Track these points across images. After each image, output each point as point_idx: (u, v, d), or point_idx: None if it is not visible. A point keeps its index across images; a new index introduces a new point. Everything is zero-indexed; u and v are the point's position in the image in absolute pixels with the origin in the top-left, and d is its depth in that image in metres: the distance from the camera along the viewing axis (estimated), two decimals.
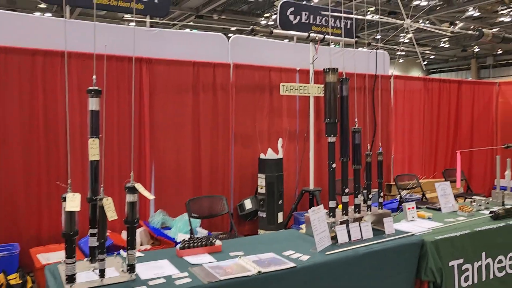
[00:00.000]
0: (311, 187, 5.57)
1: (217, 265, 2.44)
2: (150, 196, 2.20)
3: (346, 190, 3.01)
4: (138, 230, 4.68)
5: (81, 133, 4.43)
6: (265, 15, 15.63)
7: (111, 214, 2.16)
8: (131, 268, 2.22)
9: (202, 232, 4.78)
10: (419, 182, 6.14)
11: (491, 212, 3.60)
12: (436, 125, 7.53)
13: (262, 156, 5.23)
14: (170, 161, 5.03)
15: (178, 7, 13.90)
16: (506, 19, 16.01)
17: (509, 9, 15.15)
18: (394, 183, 6.10)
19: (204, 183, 5.23)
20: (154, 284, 2.19)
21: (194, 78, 5.14)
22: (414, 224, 3.41)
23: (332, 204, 2.96)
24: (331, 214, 2.97)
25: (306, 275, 2.47)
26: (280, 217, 5.19)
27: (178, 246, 2.65)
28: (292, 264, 2.45)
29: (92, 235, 2.34)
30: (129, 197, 2.18)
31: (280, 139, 5.32)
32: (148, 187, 4.87)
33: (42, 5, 11.19)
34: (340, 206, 3.07)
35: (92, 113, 2.34)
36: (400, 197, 5.85)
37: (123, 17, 12.48)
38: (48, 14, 11.89)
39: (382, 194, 3.23)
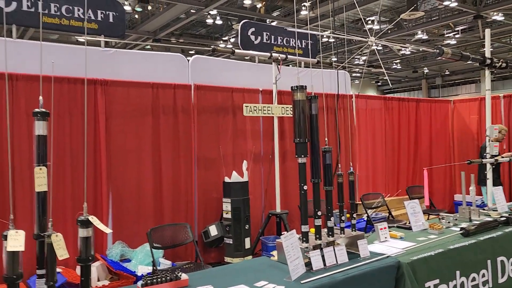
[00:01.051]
0: (278, 210, 5.42)
1: None
2: (107, 230, 1.96)
3: (319, 213, 2.87)
4: (95, 265, 4.32)
5: (30, 161, 4.07)
6: (223, 38, 15.68)
7: (61, 252, 1.89)
8: None
9: (165, 263, 4.48)
10: (384, 200, 6.13)
11: (461, 229, 3.57)
12: (398, 143, 7.65)
13: (226, 179, 5.03)
14: (129, 189, 4.73)
15: (135, 31, 13.67)
16: (452, 42, 16.94)
17: (454, 32, 16.05)
18: (360, 202, 6.05)
19: (166, 210, 4.95)
20: None
21: (154, 100, 4.92)
22: (388, 245, 3.30)
23: (304, 228, 2.81)
24: (304, 239, 2.80)
25: None
26: (248, 243, 4.97)
27: (139, 283, 2.39)
28: None
29: (40, 276, 2.05)
30: (82, 232, 1.93)
31: (245, 162, 5.16)
32: (105, 217, 4.54)
33: None
34: (312, 230, 2.92)
35: (39, 138, 2.09)
36: (368, 216, 5.79)
37: (77, 40, 12.05)
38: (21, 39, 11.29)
39: (355, 215, 3.11)
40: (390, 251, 3.09)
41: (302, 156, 2.79)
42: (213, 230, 5.09)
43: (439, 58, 4.13)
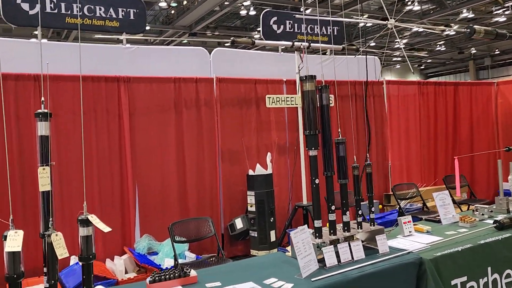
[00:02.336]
0: (305, 202, 5.32)
1: None
2: (106, 229, 1.95)
3: (332, 208, 2.75)
4: (122, 258, 4.42)
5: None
6: (258, 29, 15.55)
7: (61, 251, 1.91)
8: None
9: (190, 256, 4.51)
10: (418, 190, 5.86)
11: (495, 221, 3.33)
12: (434, 130, 7.28)
13: (250, 172, 4.98)
14: (154, 184, 4.79)
15: (171, 26, 13.82)
16: (501, 19, 15.85)
17: (504, 9, 15.01)
18: (392, 193, 5.82)
19: (191, 204, 4.97)
20: None
21: (176, 95, 4.93)
22: (412, 240, 3.13)
23: (317, 223, 2.70)
24: (317, 234, 2.70)
25: None
26: (273, 236, 4.91)
27: (147, 279, 2.39)
28: None
29: (45, 274, 2.09)
30: (83, 231, 1.94)
31: (269, 154, 5.08)
32: (132, 211, 4.63)
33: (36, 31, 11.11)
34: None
35: (42, 138, 2.11)
36: (399, 207, 5.57)
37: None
38: (44, 40, 11.79)
39: (373, 209, 2.97)
40: (413, 247, 2.93)
41: (313, 148, 2.67)
42: (239, 223, 5.07)
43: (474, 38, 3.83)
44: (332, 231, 2.76)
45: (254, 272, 2.57)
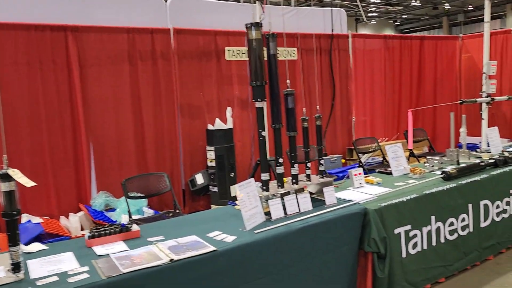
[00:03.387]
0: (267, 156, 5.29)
1: (126, 255, 2.14)
2: (29, 184, 1.85)
3: (280, 160, 2.73)
4: (78, 215, 4.35)
5: None
6: None
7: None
8: (15, 267, 1.90)
9: (148, 212, 4.48)
10: (379, 144, 5.93)
11: (443, 172, 3.40)
12: (398, 84, 7.30)
13: (210, 127, 4.90)
14: (110, 139, 4.65)
15: None
16: None
17: None
18: (353, 147, 5.87)
19: (150, 160, 4.88)
20: (44, 283, 1.88)
21: (130, 47, 4.70)
22: (361, 191, 3.18)
23: (264, 176, 2.68)
24: (264, 187, 2.68)
25: (229, 259, 2.19)
26: (233, 191, 4.91)
27: (86, 235, 2.34)
28: (211, 248, 2.17)
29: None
30: (4, 186, 1.84)
31: (229, 108, 4.98)
32: (87, 167, 4.50)
33: None
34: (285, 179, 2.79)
35: None
36: (360, 161, 5.64)
37: None
38: None
39: (322, 162, 2.96)
40: (360, 198, 2.97)
41: (259, 100, 2.60)
42: (200, 179, 5.04)
43: None
44: (279, 184, 2.75)
45: (199, 226, 2.56)
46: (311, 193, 3.05)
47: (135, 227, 2.45)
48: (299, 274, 2.48)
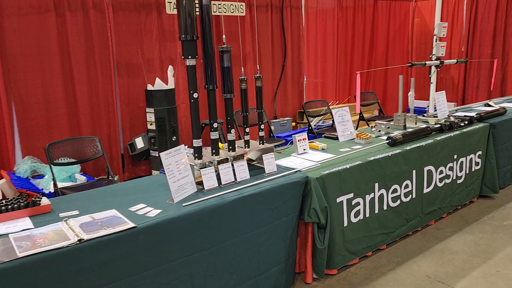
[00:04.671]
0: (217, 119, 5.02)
1: (28, 235, 1.85)
2: None
3: (215, 125, 2.47)
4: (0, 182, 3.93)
5: None
6: None
7: None
8: None
9: (80, 179, 4.13)
10: (329, 107, 5.80)
11: (388, 138, 3.28)
12: (351, 47, 7.14)
13: (149, 87, 4.53)
14: (36, 98, 4.18)
15: None
16: None
17: None
18: (303, 110, 5.71)
19: (84, 122, 4.48)
20: None
21: None
22: (304, 158, 3.00)
23: (197, 143, 2.42)
24: (196, 155, 2.43)
25: (151, 236, 1.96)
26: None
27: None
28: (130, 225, 1.92)
29: None
30: None
31: (170, 67, 4.61)
32: (8, 130, 4.04)
33: None
34: (221, 145, 2.55)
35: None
36: (309, 125, 5.49)
37: None
38: None
39: (262, 127, 2.74)
40: (303, 165, 2.79)
41: (190, 57, 2.30)
42: (140, 142, 4.71)
43: None
44: (214, 151, 2.51)
45: (123, 198, 2.29)
46: (251, 161, 2.84)
47: (44, 201, 2.14)
48: (233, 249, 2.29)
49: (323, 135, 3.69)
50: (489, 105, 4.91)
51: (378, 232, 3.06)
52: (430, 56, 4.34)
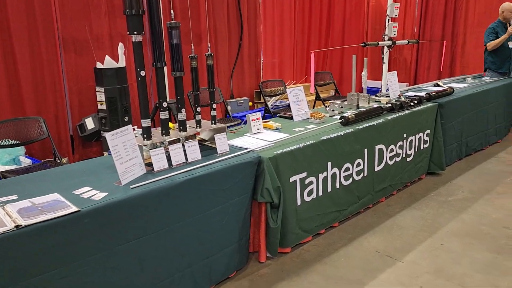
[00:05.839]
0: (167, 98, 4.88)
1: None
2: None
3: (164, 105, 2.39)
4: None
5: None
6: None
7: None
8: None
9: (25, 162, 3.92)
10: (286, 87, 5.80)
11: (341, 117, 3.32)
12: (308, 26, 7.14)
13: (98, 65, 4.32)
14: None
15: None
16: None
17: None
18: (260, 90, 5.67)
19: (28, 102, 4.23)
20: None
21: None
22: (258, 137, 2.98)
23: (145, 123, 2.34)
24: (145, 135, 2.35)
25: (96, 220, 1.88)
26: None
27: None
28: (73, 209, 1.83)
29: None
30: None
31: (121, 44, 4.41)
32: None
33: None
34: (172, 125, 2.47)
35: None
36: (266, 104, 5.48)
37: None
38: None
39: (214, 106, 2.68)
40: (256, 145, 2.77)
41: (136, 33, 2.19)
42: (90, 123, 4.52)
43: None
44: (164, 131, 2.44)
45: (66, 181, 2.18)
46: (204, 141, 2.79)
47: None
48: (184, 231, 2.25)
49: (277, 115, 3.68)
50: (439, 85, 5.08)
51: (330, 210, 3.12)
52: (383, 36, 4.40)
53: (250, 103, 6.33)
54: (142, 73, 2.26)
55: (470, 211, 3.43)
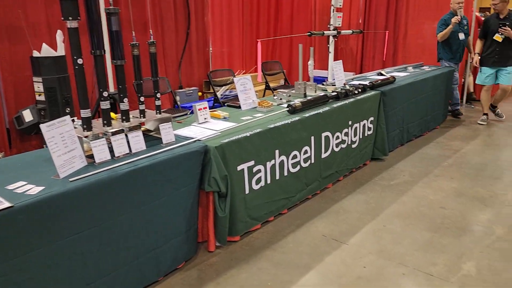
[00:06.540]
0: (112, 89, 4.73)
1: None
2: None
3: (104, 94, 2.30)
4: None
5: None
6: None
7: None
8: None
9: None
10: (235, 77, 5.77)
11: (288, 105, 3.36)
12: (256, 16, 7.13)
13: (35, 54, 4.09)
14: None
15: None
16: None
17: None
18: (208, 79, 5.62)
19: None
20: None
21: None
22: (205, 127, 2.96)
23: (85, 113, 2.24)
24: (85, 126, 2.26)
25: (31, 216, 1.79)
26: None
27: None
28: (6, 204, 1.73)
29: None
30: None
31: (60, 32, 4.19)
32: None
33: None
34: (113, 115, 2.38)
35: None
36: (215, 94, 5.44)
37: None
38: None
39: (158, 95, 2.62)
40: (203, 134, 2.75)
41: (71, 18, 2.08)
42: (28, 115, 4.28)
43: None
44: (106, 122, 2.35)
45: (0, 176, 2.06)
46: (149, 131, 2.73)
47: None
48: (130, 223, 2.20)
49: (225, 104, 3.66)
50: (382, 74, 5.27)
51: (279, 197, 3.16)
52: (328, 26, 4.48)
53: (200, 93, 6.26)
54: (79, 61, 2.16)
55: (410, 194, 3.61)
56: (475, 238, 2.91)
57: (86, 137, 2.26)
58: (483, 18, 6.49)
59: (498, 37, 5.39)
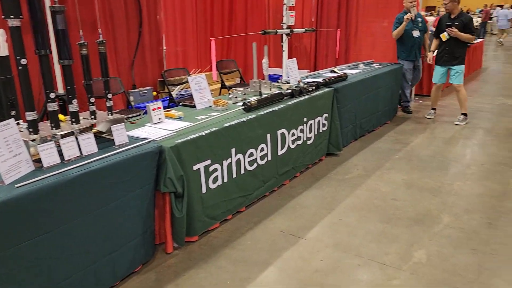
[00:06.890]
0: (60, 90, 4.54)
1: None
2: None
3: (51, 95, 2.22)
4: None
5: None
6: None
7: None
8: None
9: None
10: (189, 76, 5.71)
11: (243, 104, 3.37)
12: (210, 14, 7.09)
13: None
14: None
15: None
16: None
17: None
18: (163, 79, 5.53)
19: None
20: None
21: None
22: (159, 127, 2.91)
23: (30, 116, 2.15)
24: (31, 129, 2.16)
25: None
26: None
27: None
28: None
29: None
30: None
31: (2, 31, 3.97)
32: None
33: None
34: (62, 116, 2.29)
35: None
36: (170, 94, 5.36)
37: None
38: None
39: (110, 96, 2.55)
40: (157, 135, 2.71)
41: (12, 17, 1.99)
42: None
43: None
44: (54, 124, 2.27)
45: None
46: (101, 133, 2.65)
47: None
48: (83, 228, 2.13)
49: (180, 104, 3.62)
50: (334, 72, 5.40)
51: (237, 195, 3.17)
52: (281, 24, 4.53)
53: (154, 93, 6.14)
54: (23, 61, 2.08)
55: (364, 187, 3.73)
56: (425, 227, 3.05)
57: (32, 140, 2.17)
58: (431, 18, 6.79)
59: (443, 36, 5.64)
